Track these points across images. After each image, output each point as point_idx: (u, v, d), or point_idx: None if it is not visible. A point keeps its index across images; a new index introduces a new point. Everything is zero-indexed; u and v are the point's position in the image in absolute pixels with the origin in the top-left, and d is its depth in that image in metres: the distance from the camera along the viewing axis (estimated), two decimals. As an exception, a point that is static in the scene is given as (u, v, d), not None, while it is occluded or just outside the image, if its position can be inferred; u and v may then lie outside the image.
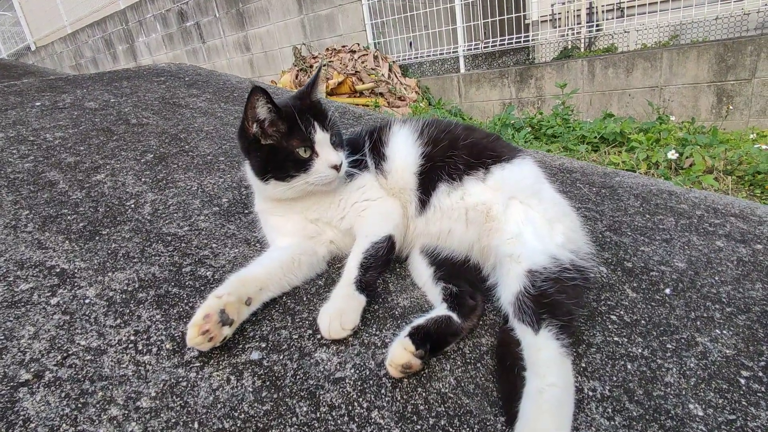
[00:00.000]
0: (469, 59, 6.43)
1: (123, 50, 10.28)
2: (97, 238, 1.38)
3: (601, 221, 1.59)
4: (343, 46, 6.88)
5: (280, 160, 1.15)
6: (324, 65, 6.56)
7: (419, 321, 1.00)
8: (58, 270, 1.23)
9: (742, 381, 0.96)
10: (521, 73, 5.73)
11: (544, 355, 0.89)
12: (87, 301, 1.12)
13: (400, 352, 0.91)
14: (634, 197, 1.77)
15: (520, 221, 1.11)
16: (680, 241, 1.47)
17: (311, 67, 6.68)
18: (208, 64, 8.84)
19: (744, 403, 0.91)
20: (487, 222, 1.15)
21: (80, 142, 2.09)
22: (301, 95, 1.26)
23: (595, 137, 4.26)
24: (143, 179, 1.77)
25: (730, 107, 4.49)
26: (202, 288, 1.18)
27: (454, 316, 1.02)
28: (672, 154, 3.30)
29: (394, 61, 6.71)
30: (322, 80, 6.37)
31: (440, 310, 1.05)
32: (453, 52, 6.38)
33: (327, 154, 1.17)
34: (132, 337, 1.01)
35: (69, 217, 1.49)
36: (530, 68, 5.67)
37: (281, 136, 1.14)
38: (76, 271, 1.23)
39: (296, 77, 6.78)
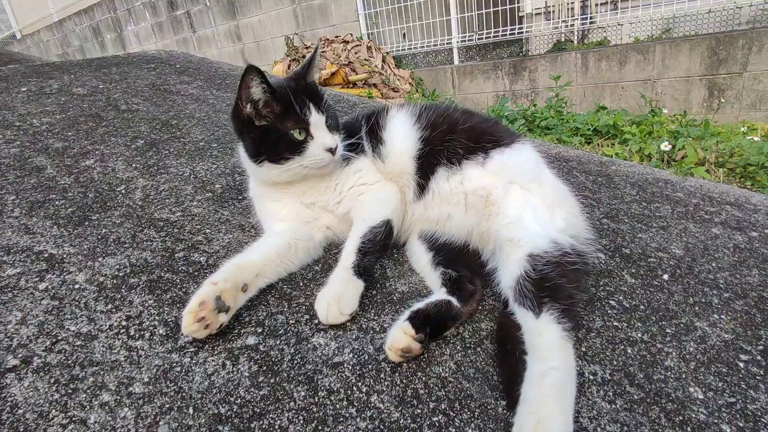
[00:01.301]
0: (463, 51, 6.40)
1: (111, 39, 10.08)
2: (86, 223, 1.34)
3: (599, 208, 1.58)
4: (336, 36, 6.80)
5: (274, 141, 1.13)
6: (319, 48, 6.49)
7: (419, 305, 0.98)
8: (46, 255, 1.19)
9: (741, 365, 0.96)
10: (515, 65, 5.71)
11: (546, 339, 0.88)
12: (77, 286, 1.09)
13: (399, 336, 0.90)
14: (630, 185, 1.77)
15: (520, 205, 1.10)
16: (677, 228, 1.47)
17: (304, 57, 6.59)
18: (199, 53, 8.70)
19: (743, 386, 0.91)
20: (486, 207, 1.14)
21: (68, 128, 2.04)
22: (296, 76, 1.23)
23: (588, 129, 4.27)
24: (134, 165, 1.73)
25: (722, 100, 4.52)
26: (196, 273, 1.15)
27: (454, 300, 1.01)
28: (665, 146, 3.32)
29: (387, 52, 6.65)
30: (316, 70, 6.30)
31: (439, 294, 1.04)
32: (447, 44, 6.35)
33: (322, 137, 1.14)
34: (124, 323, 0.98)
35: (57, 203, 1.44)
36: (524, 60, 5.66)
37: (276, 117, 1.12)
38: (65, 256, 1.19)
39: (289, 67, 6.69)
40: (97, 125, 2.08)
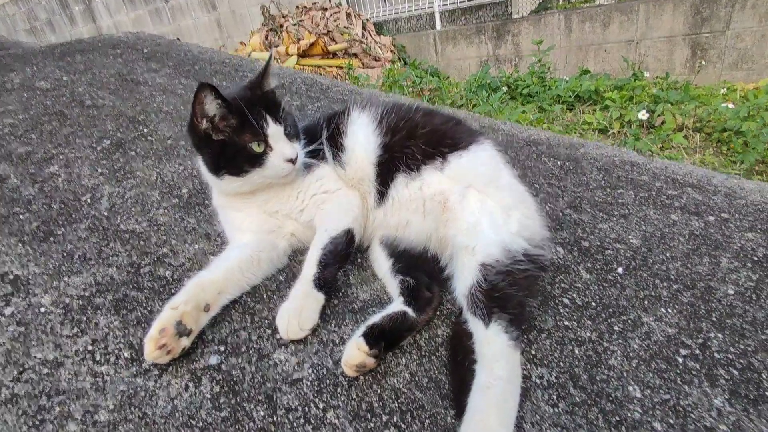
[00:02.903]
0: (446, 15, 6.21)
1: (80, 11, 9.64)
2: (51, 239, 1.35)
3: (563, 198, 1.61)
4: (314, 3, 6.56)
5: (233, 155, 1.12)
6: (295, 24, 6.27)
7: (374, 319, 1.02)
8: (11, 277, 1.21)
9: (680, 360, 1.01)
10: (498, 29, 5.57)
11: (493, 349, 0.92)
12: (42, 309, 1.11)
13: (354, 353, 0.94)
14: (597, 170, 1.79)
15: (476, 211, 1.12)
16: (637, 216, 1.50)
17: (281, 27, 6.37)
18: (173, 25, 8.38)
19: (679, 381, 0.96)
20: (444, 212, 1.16)
21: (31, 129, 2.00)
22: (252, 85, 1.21)
23: (570, 96, 4.23)
24: (99, 170, 1.72)
25: (703, 62, 4.47)
26: (161, 290, 1.17)
27: (410, 311, 1.05)
28: (643, 115, 3.32)
29: (368, 19, 6.45)
30: (293, 41, 6.10)
31: (396, 304, 1.07)
32: (429, 8, 6.15)
33: (281, 148, 1.14)
34: (89, 347, 1.01)
35: (21, 217, 1.44)
36: (507, 23, 5.51)
37: (233, 131, 1.11)
38: (30, 277, 1.21)
39: (266, 38, 6.48)
40: (62, 125, 2.05)
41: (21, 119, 2.08)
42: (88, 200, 1.54)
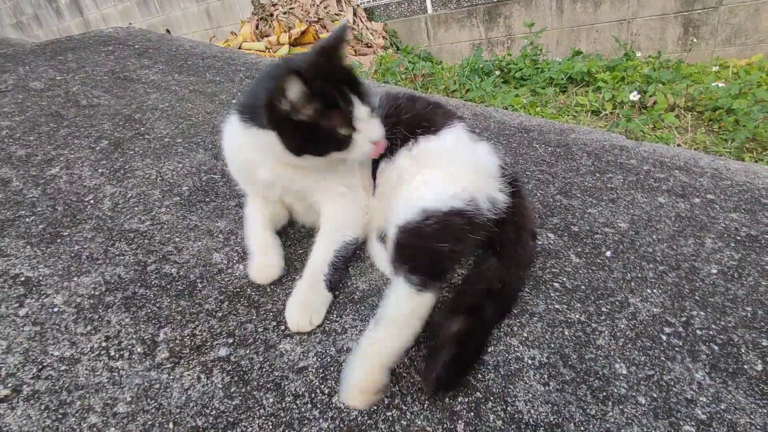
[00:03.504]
0: (437, -2, 6.15)
1: (67, 4, 9.50)
2: (58, 240, 1.39)
3: (554, 184, 1.65)
4: (304, -9, 6.47)
5: (318, 137, 1.08)
6: (285, 12, 6.21)
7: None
8: (23, 279, 1.25)
9: (664, 337, 1.07)
10: (489, 12, 5.54)
11: (391, 293, 1.03)
12: (55, 309, 1.16)
13: None
14: (587, 155, 1.83)
15: (419, 185, 1.16)
16: (625, 200, 1.55)
17: (271, 15, 6.31)
18: (162, 16, 8.28)
19: (663, 358, 1.02)
20: (398, 187, 1.21)
21: (29, 131, 2.02)
22: (329, 56, 1.11)
23: (562, 79, 4.24)
24: (100, 170, 1.75)
25: (695, 39, 4.47)
26: (168, 286, 1.22)
27: None
28: (634, 96, 3.34)
29: (358, 5, 6.39)
30: (284, 30, 6.05)
31: None
32: (419, -9, 6.08)
33: (368, 130, 1.10)
34: (104, 344, 1.06)
35: (27, 219, 1.48)
36: (498, 6, 5.47)
37: (317, 113, 1.04)
38: (41, 278, 1.25)
39: (257, 27, 6.42)
40: (59, 126, 2.07)
41: (18, 121, 2.10)
42: (92, 201, 1.57)
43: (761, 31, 4.29)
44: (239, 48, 5.85)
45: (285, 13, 6.10)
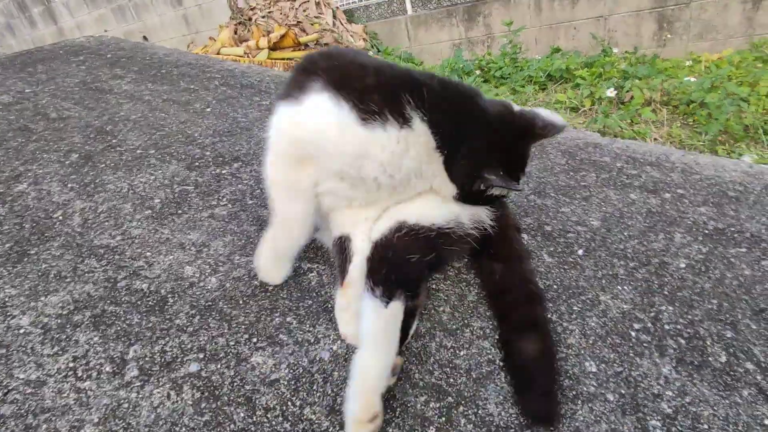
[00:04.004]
0: (416, -2, 6.16)
1: (39, 12, 9.32)
2: (25, 259, 1.36)
3: (528, 184, 1.66)
4: (282, -6, 6.44)
5: (485, 197, 1.19)
6: (264, 16, 6.17)
7: None
8: (-12, 300, 1.22)
9: (633, 334, 1.08)
10: (469, 11, 5.57)
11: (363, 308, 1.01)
12: (22, 330, 1.13)
13: None
14: (561, 154, 1.85)
15: None
16: (598, 197, 1.57)
17: (250, 20, 6.27)
18: (138, 23, 8.17)
19: (631, 354, 1.04)
20: None
21: (-3, 147, 1.98)
22: (523, 154, 1.21)
23: (542, 76, 4.28)
24: (69, 185, 1.72)
25: (668, 35, 4.55)
26: (139, 303, 1.20)
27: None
28: (611, 92, 3.38)
29: (337, 7, 6.37)
30: (263, 34, 6.01)
31: None
32: (397, -8, 6.09)
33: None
34: (71, 364, 1.04)
35: (-6, 238, 1.45)
36: (477, 5, 5.50)
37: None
38: (6, 299, 1.23)
39: (235, 32, 6.37)
40: (27, 140, 2.03)
41: (-14, 136, 2.05)
42: (60, 217, 1.54)
43: (730, 26, 4.37)
44: (218, 53, 5.80)
45: (263, 17, 6.07)
